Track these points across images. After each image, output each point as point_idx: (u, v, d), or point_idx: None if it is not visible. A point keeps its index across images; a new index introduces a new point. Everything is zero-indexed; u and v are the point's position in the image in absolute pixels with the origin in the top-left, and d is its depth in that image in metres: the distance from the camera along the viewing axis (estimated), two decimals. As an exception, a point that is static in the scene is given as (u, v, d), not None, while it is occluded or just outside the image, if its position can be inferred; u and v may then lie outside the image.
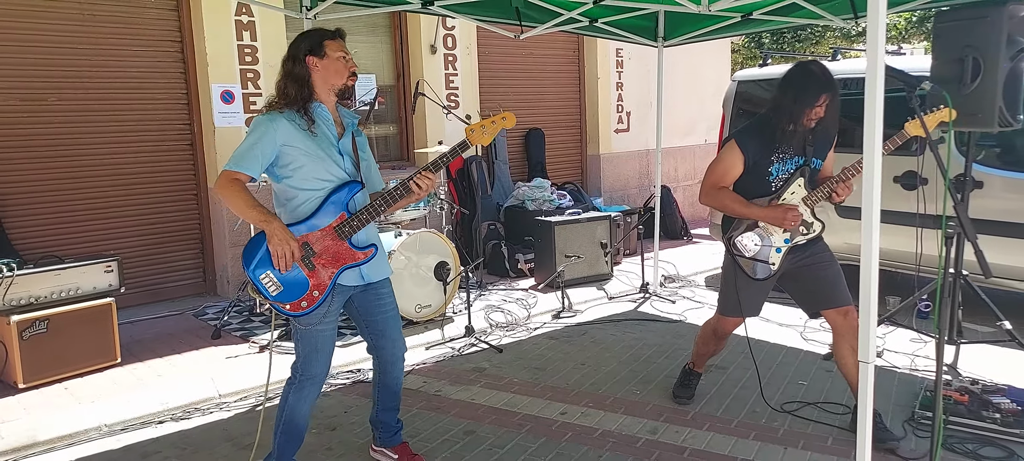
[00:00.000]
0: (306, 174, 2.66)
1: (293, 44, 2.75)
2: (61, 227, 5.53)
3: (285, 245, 2.57)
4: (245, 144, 2.61)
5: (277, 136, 2.61)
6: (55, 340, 4.14)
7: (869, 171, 1.96)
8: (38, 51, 5.34)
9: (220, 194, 2.63)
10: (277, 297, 2.64)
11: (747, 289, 3.37)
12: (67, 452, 3.43)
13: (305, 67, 2.69)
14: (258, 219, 2.58)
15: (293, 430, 2.82)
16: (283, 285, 2.63)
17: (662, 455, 3.21)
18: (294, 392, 2.79)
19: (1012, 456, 3.05)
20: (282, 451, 2.85)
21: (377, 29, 7.22)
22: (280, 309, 2.66)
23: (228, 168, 2.59)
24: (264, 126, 2.61)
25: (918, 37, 15.75)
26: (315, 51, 2.69)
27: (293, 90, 2.67)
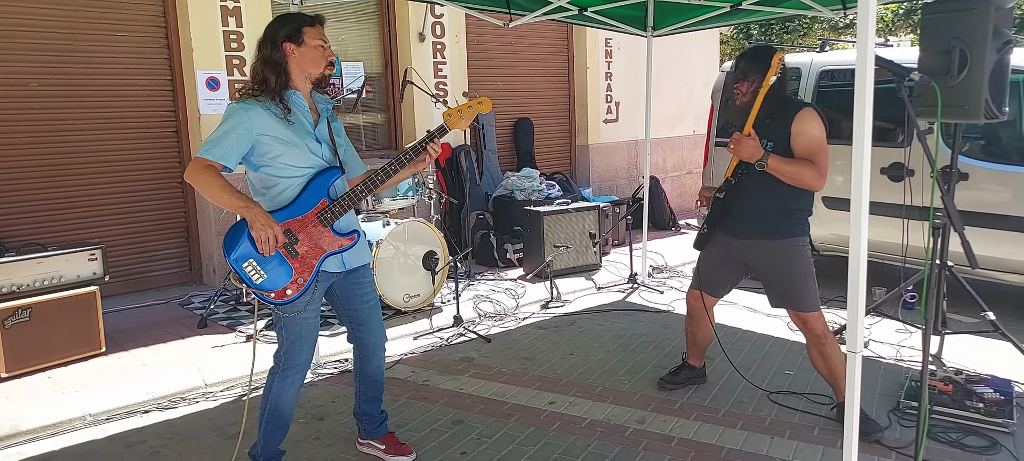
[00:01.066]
0: (284, 162, 2.61)
1: (270, 27, 2.68)
2: (44, 214, 5.45)
3: (268, 229, 2.50)
4: (218, 131, 2.53)
5: (253, 125, 2.54)
6: (38, 329, 4.09)
7: (858, 162, 1.96)
8: (19, 35, 5.26)
9: (192, 181, 2.53)
10: (261, 285, 2.60)
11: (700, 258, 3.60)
12: (51, 441, 3.40)
13: (282, 53, 2.62)
14: (237, 205, 2.51)
15: (278, 419, 2.80)
16: (266, 273, 2.59)
17: (649, 444, 3.22)
18: (278, 381, 2.76)
19: (995, 445, 3.09)
20: (267, 440, 2.83)
21: (365, 16, 7.16)
22: (264, 297, 2.62)
23: (201, 155, 2.51)
24: (239, 115, 2.54)
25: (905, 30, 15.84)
26: (293, 38, 2.63)
27: (269, 77, 2.60)
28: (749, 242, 3.33)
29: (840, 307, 5.07)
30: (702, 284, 3.59)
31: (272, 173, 2.62)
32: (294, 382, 2.78)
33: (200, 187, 2.54)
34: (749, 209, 3.29)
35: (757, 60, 3.18)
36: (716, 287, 3.58)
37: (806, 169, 3.09)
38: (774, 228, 3.26)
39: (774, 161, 3.10)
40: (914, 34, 15.48)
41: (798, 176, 3.10)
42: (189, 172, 2.53)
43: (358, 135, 7.03)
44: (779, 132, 3.17)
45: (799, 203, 3.26)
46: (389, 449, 3.10)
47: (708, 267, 3.57)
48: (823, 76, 5.71)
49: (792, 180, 3.12)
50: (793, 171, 3.10)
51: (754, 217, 3.28)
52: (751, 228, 3.30)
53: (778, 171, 3.11)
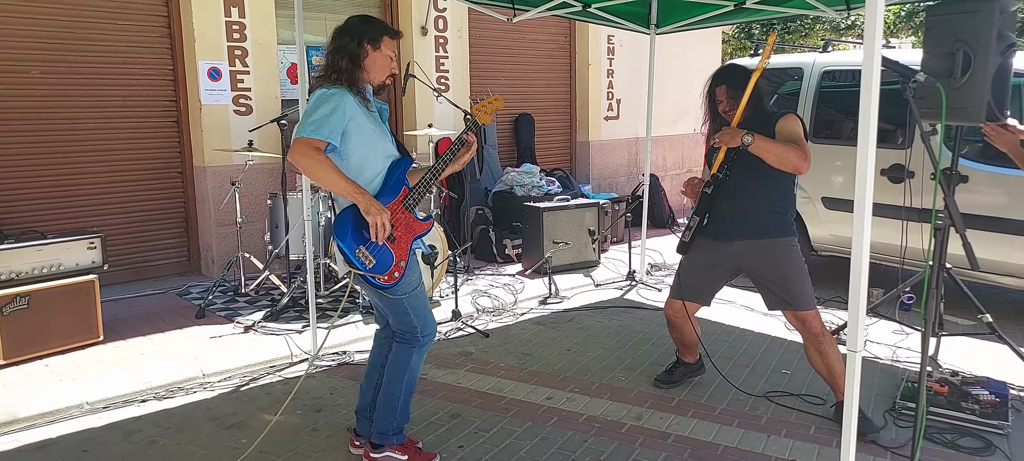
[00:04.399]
0: (370, 151, 2.70)
1: (353, 24, 2.76)
2: (43, 202, 5.44)
3: (381, 216, 2.58)
4: (320, 112, 2.56)
5: (347, 110, 2.61)
6: (36, 316, 4.09)
7: (863, 164, 1.97)
8: (21, 22, 5.24)
9: (304, 164, 2.53)
10: (372, 270, 2.68)
11: (682, 266, 3.62)
12: (48, 429, 3.40)
13: (361, 50, 2.70)
14: (351, 190, 2.57)
15: (412, 391, 2.94)
16: (375, 258, 2.68)
17: (646, 440, 3.23)
18: (417, 354, 2.88)
19: (990, 447, 3.10)
20: (403, 417, 2.94)
21: (367, 8, 7.14)
22: (374, 281, 2.70)
23: (306, 135, 2.52)
24: (337, 98, 2.59)
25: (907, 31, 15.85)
26: (373, 41, 2.72)
27: (346, 66, 2.67)
28: (742, 244, 3.34)
29: (838, 308, 5.08)
30: (684, 293, 3.57)
31: (358, 162, 2.68)
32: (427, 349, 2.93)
33: (311, 168, 2.54)
34: (738, 212, 3.31)
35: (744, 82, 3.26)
36: (700, 294, 3.58)
37: (790, 149, 3.13)
38: (765, 228, 3.30)
39: (759, 140, 3.14)
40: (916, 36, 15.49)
41: (783, 155, 3.13)
42: (297, 153, 2.53)
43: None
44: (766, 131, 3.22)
45: (783, 202, 3.33)
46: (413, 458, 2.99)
47: (693, 274, 3.56)
48: (825, 76, 5.71)
49: (777, 159, 3.14)
50: (778, 150, 3.14)
51: (742, 220, 3.31)
52: (743, 231, 3.33)
53: (764, 149, 3.14)
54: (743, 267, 3.44)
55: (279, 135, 5.16)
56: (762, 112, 3.31)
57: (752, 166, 3.21)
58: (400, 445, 2.95)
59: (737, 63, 3.64)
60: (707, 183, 3.37)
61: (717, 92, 3.38)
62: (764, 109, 3.36)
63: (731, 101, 3.31)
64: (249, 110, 6.06)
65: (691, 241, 3.47)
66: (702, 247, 3.46)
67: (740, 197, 3.30)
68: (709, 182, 3.36)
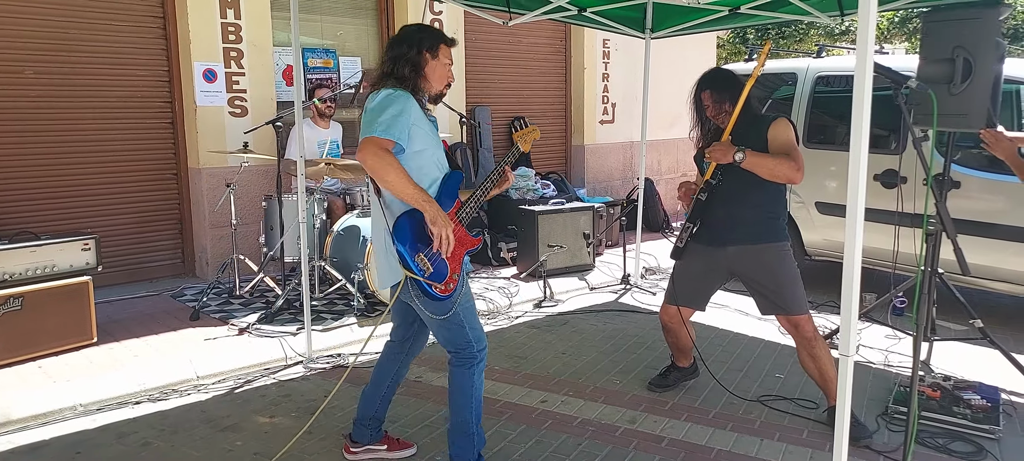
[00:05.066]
0: (428, 158, 2.65)
1: (411, 32, 2.71)
2: (37, 203, 5.42)
3: (447, 227, 2.52)
4: (390, 112, 2.50)
5: (412, 113, 2.56)
6: (30, 318, 4.07)
7: (855, 169, 1.98)
8: (15, 22, 5.22)
9: (374, 165, 2.45)
10: (430, 278, 2.60)
11: (676, 271, 3.63)
12: (41, 431, 3.38)
13: (421, 58, 2.66)
14: (419, 198, 2.50)
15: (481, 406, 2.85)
16: (433, 267, 2.61)
17: (640, 444, 3.24)
18: (478, 371, 2.80)
19: (981, 451, 3.12)
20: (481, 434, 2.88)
21: (363, 11, 7.15)
22: (429, 289, 2.61)
23: (376, 135, 2.45)
24: (404, 100, 2.55)
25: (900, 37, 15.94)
26: (432, 49, 2.69)
27: (408, 74, 2.63)
28: (735, 249, 3.36)
29: (831, 312, 5.10)
30: (678, 299, 3.60)
31: (417, 167, 2.61)
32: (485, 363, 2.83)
33: (383, 171, 2.46)
34: (731, 218, 3.33)
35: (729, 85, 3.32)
36: (694, 300, 3.60)
37: (782, 161, 3.14)
38: (758, 233, 3.32)
39: (751, 155, 3.15)
40: (908, 42, 15.58)
41: (775, 168, 3.14)
42: (367, 153, 2.45)
43: (354, 129, 7.02)
44: (754, 141, 3.24)
45: (775, 208, 3.36)
46: (392, 447, 3.10)
47: (687, 280, 3.58)
48: (819, 82, 5.74)
49: (770, 173, 3.16)
50: (770, 163, 3.15)
51: (735, 226, 3.33)
52: (735, 236, 3.35)
53: (756, 165, 3.15)
54: (736, 272, 3.46)
55: (274, 137, 5.16)
56: (753, 117, 3.33)
57: (743, 173, 3.23)
58: None
59: (722, 67, 3.65)
60: (701, 190, 3.39)
61: (702, 97, 3.40)
62: (755, 114, 3.38)
63: (717, 106, 3.34)
64: (244, 112, 6.05)
65: (685, 247, 3.49)
66: (696, 252, 3.48)
67: (732, 203, 3.32)
68: (703, 189, 3.38)
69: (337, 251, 5.25)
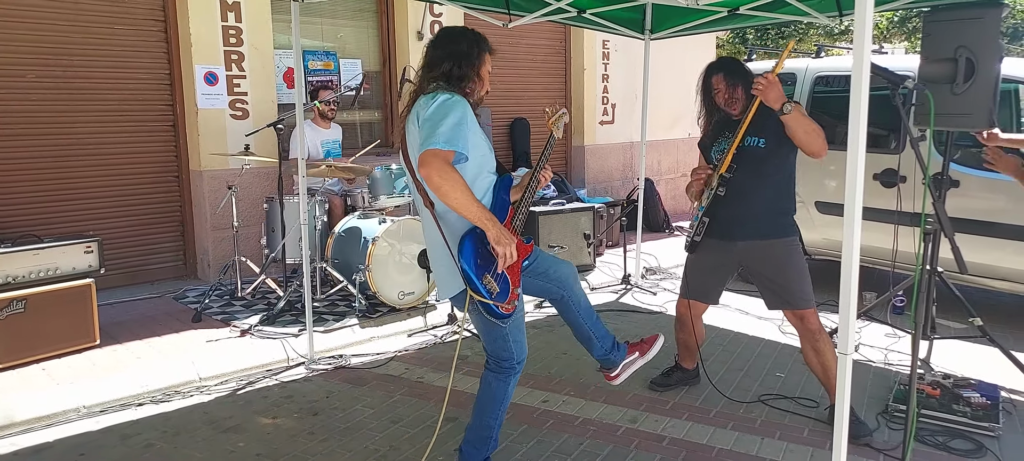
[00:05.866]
0: (483, 163, 2.57)
1: (468, 32, 2.65)
2: (40, 206, 5.44)
3: (511, 246, 2.43)
4: (450, 120, 2.37)
5: (470, 118, 2.46)
6: (33, 320, 4.09)
7: (852, 168, 2.00)
8: (18, 26, 5.24)
9: (439, 183, 2.31)
10: (496, 298, 2.53)
11: (688, 265, 3.63)
12: (45, 433, 3.40)
13: (482, 59, 2.62)
14: (482, 218, 2.40)
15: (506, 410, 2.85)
16: (499, 287, 2.53)
17: (641, 443, 3.26)
18: (514, 379, 2.78)
19: (980, 448, 3.13)
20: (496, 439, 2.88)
21: (363, 13, 7.17)
22: (497, 310, 2.53)
23: (440, 146, 2.32)
24: (462, 106, 2.44)
25: (899, 37, 15.94)
26: (487, 53, 2.67)
27: (458, 74, 2.56)
28: (746, 244, 3.38)
29: (831, 311, 5.11)
30: (691, 292, 3.63)
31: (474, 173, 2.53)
32: None
33: (447, 187, 2.33)
34: (741, 212, 3.34)
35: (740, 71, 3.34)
36: (707, 294, 3.62)
37: (818, 131, 3.13)
38: (769, 228, 3.34)
39: (796, 109, 3.11)
40: (908, 42, 15.58)
41: (812, 133, 3.12)
42: (431, 168, 2.32)
43: (355, 132, 7.04)
44: (771, 130, 3.24)
45: (787, 203, 3.38)
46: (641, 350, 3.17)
47: (699, 275, 3.61)
48: (818, 82, 5.76)
49: (806, 135, 3.11)
50: (812, 126, 3.12)
51: (748, 220, 3.34)
52: (747, 230, 3.36)
53: (797, 122, 3.11)
54: (745, 265, 3.47)
55: (275, 139, 5.18)
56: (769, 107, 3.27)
57: (755, 167, 3.25)
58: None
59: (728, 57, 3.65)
60: (719, 184, 3.37)
61: (714, 81, 3.37)
62: None
63: (729, 89, 3.32)
64: (245, 114, 6.07)
65: (700, 241, 3.49)
66: (708, 247, 3.49)
67: (743, 197, 3.32)
68: (720, 183, 3.36)
69: (338, 252, 5.27)
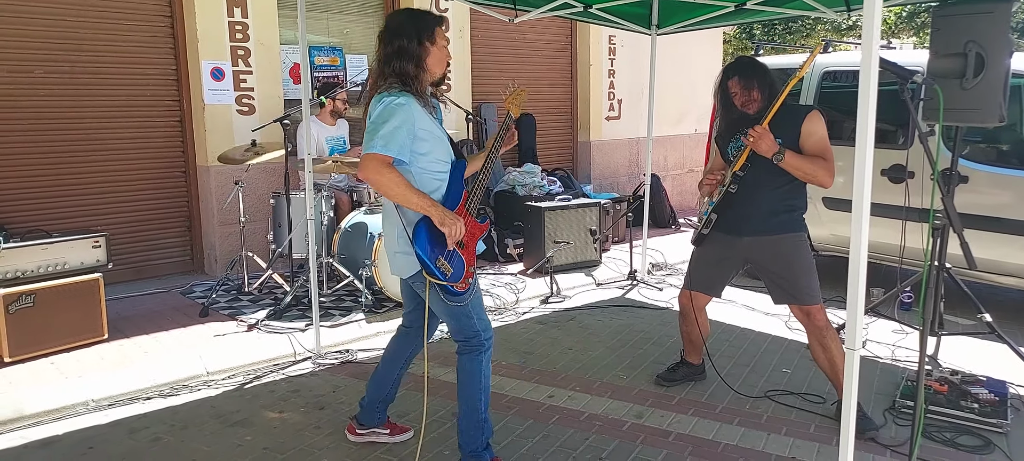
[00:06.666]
0: (434, 158, 2.67)
1: (403, 22, 2.65)
2: (48, 201, 5.47)
3: (457, 224, 2.59)
4: (389, 126, 2.49)
5: (415, 120, 2.56)
6: (42, 314, 4.11)
7: (861, 163, 1.99)
8: (26, 22, 5.27)
9: (374, 178, 2.49)
10: (450, 278, 2.65)
11: (693, 258, 3.63)
12: (54, 426, 3.42)
13: (421, 49, 2.62)
14: (424, 204, 2.55)
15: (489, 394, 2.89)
16: (452, 267, 2.66)
17: (647, 438, 3.26)
18: (486, 358, 2.84)
19: (988, 445, 3.12)
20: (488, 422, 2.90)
21: (370, 8, 7.17)
22: (453, 290, 2.67)
23: (376, 150, 2.48)
24: (405, 109, 2.53)
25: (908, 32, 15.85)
26: (431, 37, 2.65)
27: (410, 69, 2.60)
28: (752, 239, 3.37)
29: (838, 307, 5.10)
30: (694, 284, 3.64)
31: (424, 168, 2.64)
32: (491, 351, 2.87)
33: (385, 184, 2.51)
34: (750, 208, 3.33)
35: (759, 72, 3.32)
36: (710, 286, 3.62)
37: (820, 165, 3.18)
38: (777, 224, 3.33)
39: (790, 156, 3.16)
40: (917, 37, 15.49)
41: (813, 172, 3.17)
42: (367, 170, 2.50)
43: (361, 127, 7.04)
44: (788, 132, 3.23)
45: (797, 200, 3.36)
46: (393, 431, 3.21)
47: (703, 267, 3.61)
48: (826, 77, 5.73)
49: (806, 175, 3.20)
50: (809, 167, 3.17)
51: (756, 216, 3.33)
52: (753, 226, 3.35)
53: (794, 166, 3.17)
54: (752, 261, 3.47)
55: (282, 135, 5.19)
56: (786, 107, 3.31)
57: (768, 165, 3.23)
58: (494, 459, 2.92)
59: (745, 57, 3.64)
60: (731, 181, 3.37)
61: (729, 85, 3.37)
62: (788, 105, 3.36)
63: (746, 92, 3.31)
64: (252, 110, 6.09)
65: (708, 234, 3.49)
66: (714, 240, 3.50)
67: (754, 194, 3.32)
68: (732, 181, 3.36)
69: (345, 248, 5.28)
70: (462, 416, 2.87)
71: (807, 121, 3.24)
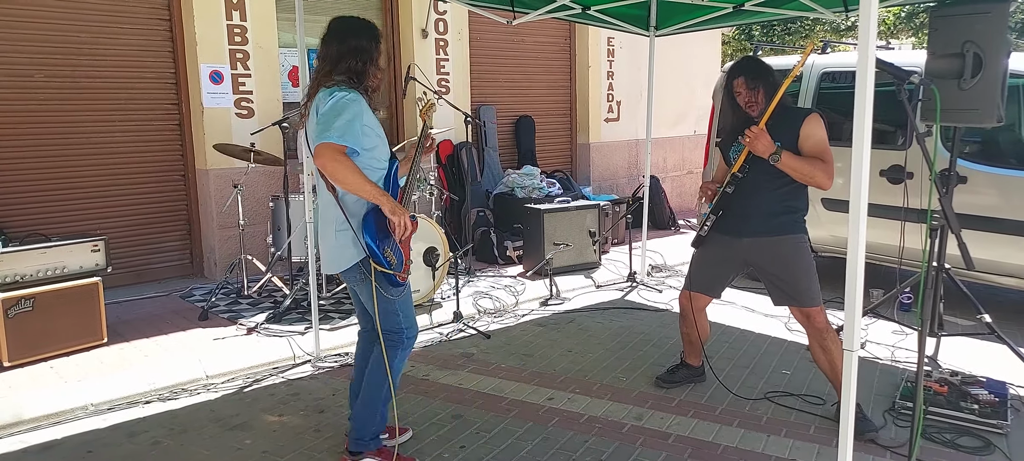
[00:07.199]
0: (377, 154, 2.78)
1: (362, 26, 2.82)
2: (47, 206, 5.47)
3: (404, 215, 2.70)
4: (343, 119, 2.60)
5: (364, 114, 2.69)
6: (41, 319, 4.11)
7: (857, 164, 1.99)
8: (24, 27, 5.27)
9: (330, 167, 2.59)
10: (395, 268, 2.79)
11: (693, 259, 3.64)
12: (53, 430, 3.42)
13: (377, 52, 2.79)
14: (376, 194, 2.66)
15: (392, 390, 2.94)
16: (395, 257, 2.80)
17: (647, 441, 3.25)
18: (402, 353, 2.94)
19: (988, 446, 3.12)
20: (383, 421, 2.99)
21: (368, 11, 7.17)
22: (396, 279, 2.81)
23: (332, 140, 2.57)
24: (358, 104, 2.67)
25: (907, 32, 15.86)
26: (378, 44, 2.83)
27: (359, 69, 2.75)
28: (752, 241, 3.37)
29: (838, 308, 5.09)
30: (693, 285, 3.64)
31: (367, 163, 2.73)
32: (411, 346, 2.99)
33: (341, 173, 2.61)
34: (750, 209, 3.34)
35: (765, 73, 3.31)
36: (710, 287, 3.62)
37: (817, 166, 3.17)
38: (777, 226, 3.32)
39: (787, 157, 3.16)
40: (915, 37, 15.50)
41: (810, 173, 3.17)
42: (324, 159, 2.58)
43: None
44: (787, 134, 3.23)
45: (797, 202, 3.35)
46: (392, 435, 3.17)
47: (703, 268, 3.61)
48: (824, 78, 5.73)
49: (803, 177, 3.19)
50: (806, 168, 3.17)
51: (755, 217, 3.33)
52: (753, 228, 3.35)
53: (790, 167, 3.17)
54: (751, 262, 3.46)
55: (281, 138, 5.19)
56: (785, 109, 3.32)
57: (767, 168, 3.23)
58: (378, 450, 2.96)
59: (754, 57, 3.64)
60: (728, 182, 3.38)
61: (735, 84, 3.36)
62: (788, 106, 3.37)
63: (751, 92, 3.31)
64: (251, 113, 6.09)
65: (707, 236, 3.50)
66: (714, 241, 3.50)
67: (753, 194, 3.32)
68: (730, 181, 3.37)
69: (344, 251, 5.27)
70: (362, 403, 2.95)
71: (806, 123, 3.23)
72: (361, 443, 2.94)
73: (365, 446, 2.94)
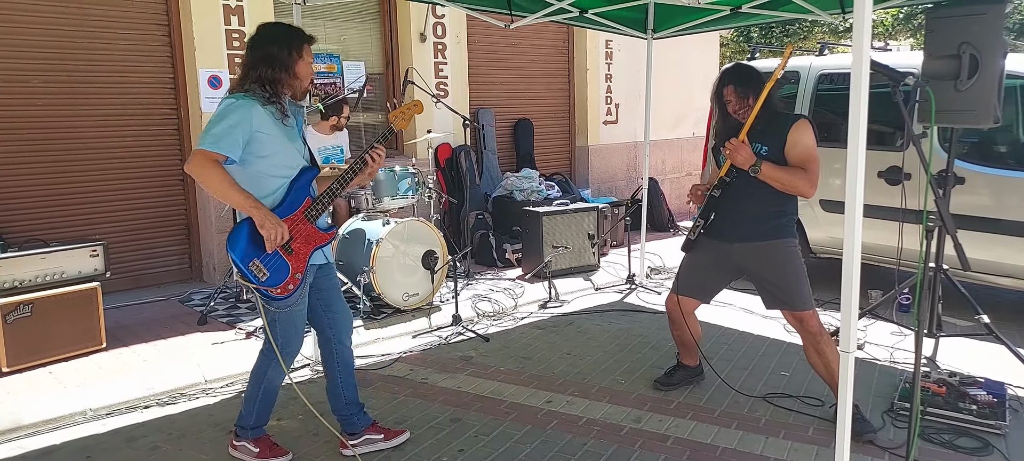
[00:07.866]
0: (276, 162, 2.74)
1: (276, 31, 2.80)
2: (46, 211, 5.47)
3: (277, 228, 2.65)
4: (222, 125, 2.60)
5: (253, 121, 2.66)
6: (39, 324, 4.11)
7: (853, 166, 2.00)
8: (22, 32, 5.28)
9: (196, 173, 2.61)
10: (265, 283, 2.72)
11: (682, 262, 3.66)
12: (51, 436, 3.42)
13: (288, 59, 2.74)
14: (244, 203, 2.62)
15: (270, 398, 3.06)
16: (269, 271, 2.73)
17: (645, 443, 3.25)
18: (274, 368, 2.94)
19: (986, 446, 3.12)
20: (260, 413, 3.06)
21: (366, 16, 7.19)
22: (268, 294, 2.77)
23: (205, 147, 2.57)
24: (242, 110, 2.64)
25: (904, 34, 15.88)
26: (298, 49, 2.77)
27: (271, 77, 2.72)
28: (742, 246, 3.38)
29: (836, 310, 5.09)
30: (681, 288, 3.64)
31: (262, 171, 2.73)
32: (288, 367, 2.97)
33: (206, 180, 2.60)
34: (739, 214, 3.34)
35: (753, 81, 3.32)
36: (698, 291, 3.62)
37: (799, 176, 3.18)
38: (766, 230, 3.33)
39: (767, 168, 3.19)
40: (914, 39, 15.52)
41: (791, 183, 3.19)
42: (194, 165, 2.59)
43: (359, 135, 7.06)
44: (774, 138, 3.25)
45: (786, 206, 3.36)
46: (388, 435, 3.22)
47: (692, 272, 3.62)
48: (822, 80, 5.74)
49: (784, 186, 3.21)
50: (786, 178, 3.19)
51: (744, 221, 3.34)
52: (743, 232, 3.36)
53: (771, 177, 3.19)
54: (743, 268, 3.47)
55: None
56: (774, 114, 3.32)
57: None
58: (255, 439, 3.06)
59: (745, 63, 3.64)
60: (715, 186, 3.39)
61: (725, 92, 3.37)
62: (776, 111, 3.38)
63: (740, 100, 3.33)
64: (250, 117, 6.09)
65: (696, 240, 3.50)
66: (705, 246, 3.51)
67: (742, 200, 3.33)
68: (717, 185, 3.38)
69: (342, 254, 5.28)
70: (245, 396, 3.06)
71: (793, 129, 3.23)
72: (242, 431, 3.06)
73: (245, 434, 3.05)
